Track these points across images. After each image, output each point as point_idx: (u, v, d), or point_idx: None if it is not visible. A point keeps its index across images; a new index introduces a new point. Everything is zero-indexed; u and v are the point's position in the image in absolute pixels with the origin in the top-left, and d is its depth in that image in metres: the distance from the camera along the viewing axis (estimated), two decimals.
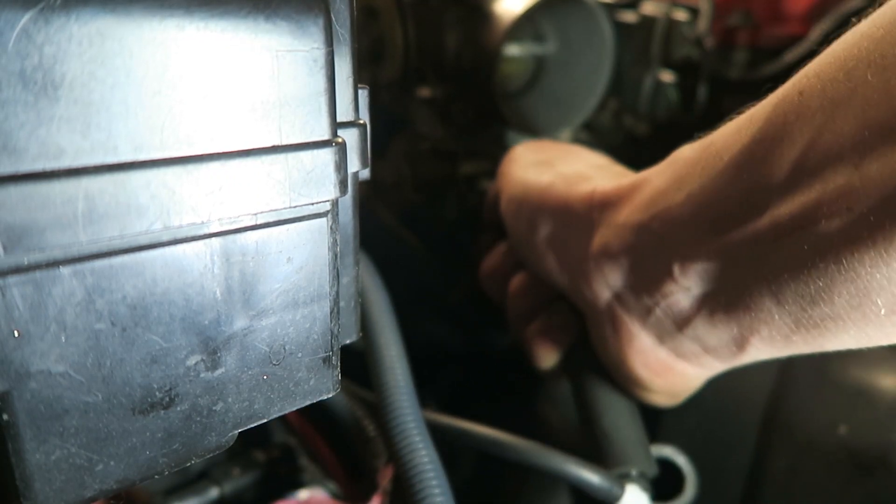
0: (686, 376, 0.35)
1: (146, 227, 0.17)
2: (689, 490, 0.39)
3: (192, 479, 0.36)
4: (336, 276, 0.22)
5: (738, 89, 0.60)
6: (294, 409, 0.22)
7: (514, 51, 0.51)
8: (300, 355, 0.22)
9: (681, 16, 0.55)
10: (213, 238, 0.19)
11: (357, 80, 0.22)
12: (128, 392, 0.18)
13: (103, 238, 0.16)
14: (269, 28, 0.18)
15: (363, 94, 0.23)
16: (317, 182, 0.20)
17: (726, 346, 0.31)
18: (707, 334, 0.31)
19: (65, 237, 0.16)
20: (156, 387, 0.19)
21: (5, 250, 0.15)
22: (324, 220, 0.21)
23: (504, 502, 0.44)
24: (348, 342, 0.26)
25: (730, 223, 0.28)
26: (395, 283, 0.40)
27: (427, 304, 0.52)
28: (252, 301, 0.20)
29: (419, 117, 0.49)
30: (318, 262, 0.21)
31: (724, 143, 0.28)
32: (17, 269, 0.15)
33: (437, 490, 0.29)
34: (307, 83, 0.19)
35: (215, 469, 0.36)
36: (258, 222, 0.19)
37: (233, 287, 0.19)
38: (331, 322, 0.22)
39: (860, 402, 0.36)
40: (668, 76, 0.56)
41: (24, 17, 0.15)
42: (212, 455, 0.21)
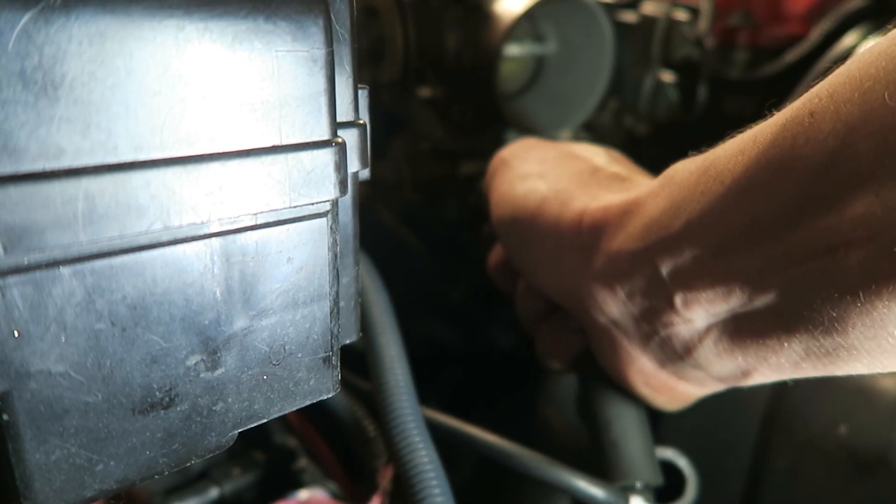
0: (689, 394, 0.34)
1: (146, 227, 0.17)
2: (691, 492, 0.39)
3: (192, 479, 0.36)
4: (336, 276, 0.22)
5: (738, 89, 0.60)
6: (294, 409, 0.22)
7: (514, 51, 0.51)
8: (300, 355, 0.22)
9: (681, 16, 0.55)
10: (213, 238, 0.19)
11: (357, 80, 0.22)
12: (128, 392, 0.18)
13: (103, 238, 0.16)
14: (269, 28, 0.18)
15: (363, 94, 0.23)
16: (317, 182, 0.20)
17: (731, 374, 0.30)
18: (711, 364, 0.30)
19: (65, 237, 0.16)
20: (156, 387, 0.19)
21: (5, 250, 0.15)
22: (324, 220, 0.21)
23: (504, 503, 0.44)
24: (348, 342, 0.26)
25: (734, 253, 0.26)
26: (395, 283, 0.40)
27: (427, 304, 0.52)
28: (252, 301, 0.20)
29: (419, 117, 0.49)
30: (318, 262, 0.21)
31: (726, 164, 0.26)
32: (17, 269, 0.15)
33: (437, 490, 0.29)
34: (307, 83, 0.19)
35: (215, 469, 0.36)
36: (258, 222, 0.19)
37: (233, 287, 0.19)
38: (331, 322, 0.22)
39: (860, 402, 0.36)
40: (668, 76, 0.56)
41: (24, 17, 0.15)
42: (212, 455, 0.21)
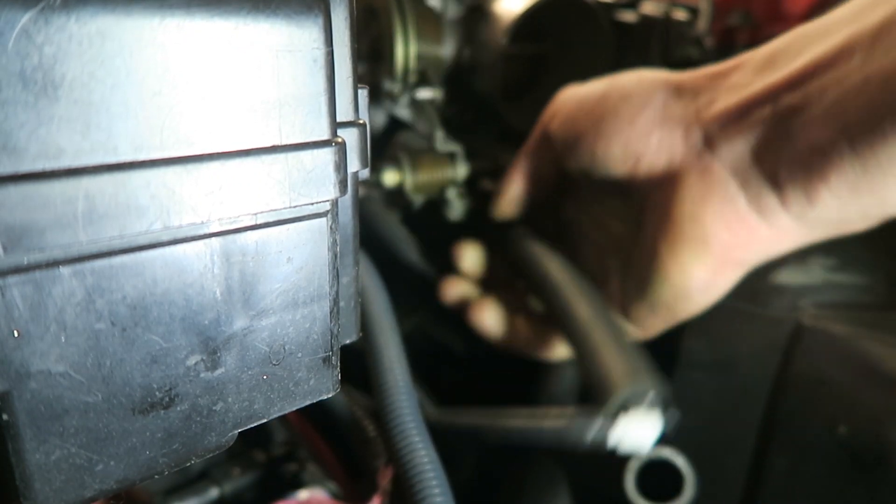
0: (751, 239, 0.36)
1: (146, 227, 0.17)
2: (689, 491, 0.39)
3: (192, 479, 0.36)
4: (336, 276, 0.22)
5: None
6: (294, 409, 0.22)
7: (514, 51, 0.51)
8: (300, 355, 0.22)
9: (681, 16, 0.55)
10: (213, 238, 0.19)
11: (357, 80, 0.22)
12: (128, 392, 0.18)
13: (103, 238, 0.16)
14: (268, 28, 0.18)
15: (363, 94, 0.23)
16: (317, 182, 0.20)
17: (799, 194, 0.33)
18: (785, 178, 0.33)
19: (65, 237, 0.16)
20: (156, 387, 0.19)
21: (5, 250, 0.15)
22: (324, 220, 0.21)
23: (504, 503, 0.44)
24: (348, 342, 0.26)
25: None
26: (395, 283, 0.40)
27: (427, 304, 0.52)
28: (252, 301, 0.20)
29: (419, 117, 0.49)
30: (318, 262, 0.21)
31: (842, 8, 0.32)
32: (17, 269, 0.15)
33: (436, 490, 0.29)
34: (307, 83, 0.19)
35: (215, 469, 0.36)
36: (258, 222, 0.19)
37: (233, 287, 0.19)
38: (331, 322, 0.22)
39: (860, 402, 0.36)
40: None
41: (24, 17, 0.15)
42: (212, 455, 0.21)
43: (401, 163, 0.48)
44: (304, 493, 0.34)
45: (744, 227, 0.36)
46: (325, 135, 0.20)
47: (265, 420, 0.22)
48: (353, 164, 0.23)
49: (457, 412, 0.34)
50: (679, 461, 0.39)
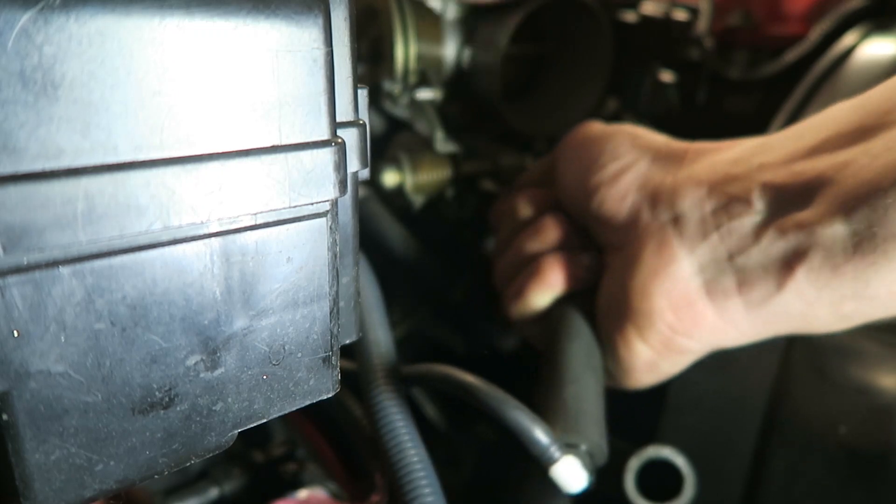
0: (696, 325, 0.35)
1: (146, 227, 0.17)
2: (688, 491, 0.39)
3: (192, 479, 0.36)
4: (336, 275, 0.22)
5: (738, 89, 0.60)
6: (294, 409, 0.22)
7: (514, 51, 0.51)
8: (300, 355, 0.22)
9: (681, 16, 0.55)
10: (213, 238, 0.19)
11: (357, 80, 0.22)
12: (128, 392, 0.18)
13: (103, 238, 0.16)
14: (268, 28, 0.18)
15: (363, 94, 0.23)
16: (316, 182, 0.20)
17: (770, 274, 0.32)
18: (757, 259, 0.32)
19: (65, 237, 0.16)
20: (156, 387, 0.19)
21: (5, 250, 0.15)
22: (323, 220, 0.21)
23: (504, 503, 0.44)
24: (348, 342, 0.26)
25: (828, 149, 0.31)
26: (395, 283, 0.40)
27: (427, 304, 0.52)
28: (252, 301, 0.20)
29: (419, 117, 0.49)
30: (317, 262, 0.21)
31: (841, 108, 0.33)
32: (17, 269, 0.15)
33: (427, 490, 0.29)
34: (307, 83, 0.19)
35: (215, 469, 0.36)
36: (258, 222, 0.19)
37: (233, 287, 0.19)
38: (330, 322, 0.22)
39: (860, 402, 0.36)
40: (668, 76, 0.56)
41: (24, 17, 0.15)
42: (212, 455, 0.21)
43: (401, 163, 0.48)
44: (304, 493, 0.34)
45: (690, 311, 0.34)
46: (324, 135, 0.20)
47: (265, 420, 0.22)
48: (353, 164, 0.23)
49: (430, 365, 0.34)
50: (679, 461, 0.39)
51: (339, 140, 0.20)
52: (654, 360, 0.36)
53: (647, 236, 0.36)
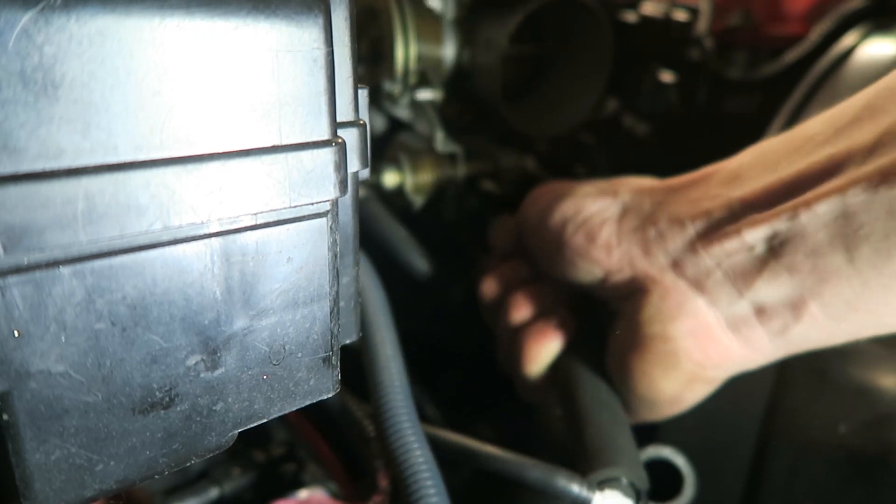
0: (723, 358, 0.35)
1: (146, 227, 0.17)
2: (688, 491, 0.39)
3: (192, 479, 0.36)
4: (336, 276, 0.22)
5: (738, 89, 0.60)
6: (294, 409, 0.22)
7: (513, 51, 0.51)
8: (300, 355, 0.22)
9: (681, 16, 0.55)
10: (213, 238, 0.19)
11: (357, 80, 0.22)
12: (128, 392, 0.18)
13: (103, 238, 0.16)
14: (268, 28, 0.18)
15: (363, 94, 0.23)
16: (317, 182, 0.20)
17: (784, 308, 0.32)
18: (767, 293, 0.32)
19: (65, 237, 0.16)
20: (156, 387, 0.19)
21: (5, 250, 0.15)
22: (324, 220, 0.21)
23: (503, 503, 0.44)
24: (348, 342, 0.26)
25: (807, 187, 0.30)
26: (395, 283, 0.40)
27: (427, 304, 0.52)
28: (252, 301, 0.20)
29: (419, 118, 0.49)
30: (318, 262, 0.21)
31: (812, 125, 0.33)
32: (17, 269, 0.15)
33: (432, 490, 0.29)
34: (307, 83, 0.19)
35: (215, 469, 0.36)
36: (258, 222, 0.19)
37: (233, 287, 0.19)
38: (331, 322, 0.22)
39: (860, 402, 0.36)
40: (668, 76, 0.56)
41: (24, 17, 0.15)
42: (212, 455, 0.21)
43: (401, 164, 0.48)
44: (304, 493, 0.34)
45: (716, 347, 0.34)
46: (325, 135, 0.20)
47: (265, 420, 0.22)
48: (353, 164, 0.23)
49: (445, 431, 0.35)
50: (679, 461, 0.39)
51: (340, 140, 0.20)
52: (680, 393, 0.36)
53: (652, 284, 0.36)
